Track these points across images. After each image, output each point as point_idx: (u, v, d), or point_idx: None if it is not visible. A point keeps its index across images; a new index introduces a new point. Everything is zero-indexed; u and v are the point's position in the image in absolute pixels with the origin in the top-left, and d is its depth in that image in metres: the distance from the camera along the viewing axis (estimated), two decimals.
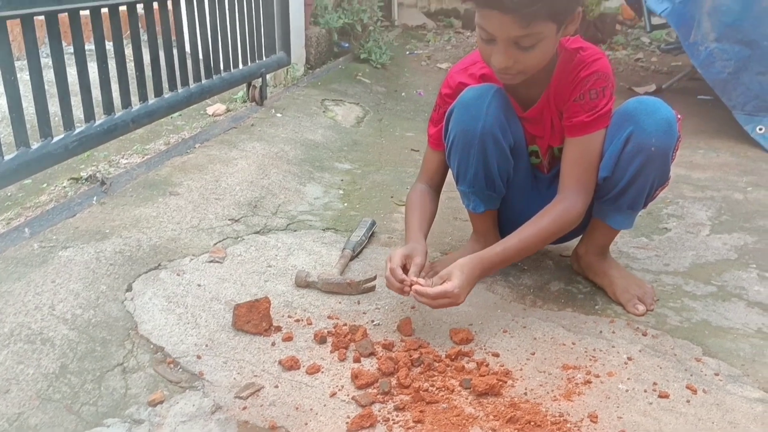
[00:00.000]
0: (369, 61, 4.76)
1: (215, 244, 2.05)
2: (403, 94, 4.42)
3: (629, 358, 1.61)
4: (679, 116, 1.66)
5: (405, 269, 1.65)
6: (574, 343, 1.67)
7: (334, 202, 2.49)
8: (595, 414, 1.41)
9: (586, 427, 1.38)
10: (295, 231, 2.22)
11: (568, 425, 1.38)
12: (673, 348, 1.66)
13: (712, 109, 4.06)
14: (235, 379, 1.49)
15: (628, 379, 1.54)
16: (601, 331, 1.72)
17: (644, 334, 1.71)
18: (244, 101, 3.44)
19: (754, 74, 3.37)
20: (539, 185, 1.87)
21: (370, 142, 3.24)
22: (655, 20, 4.75)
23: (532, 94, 1.73)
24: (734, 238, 2.28)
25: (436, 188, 1.92)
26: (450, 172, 1.87)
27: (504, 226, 1.98)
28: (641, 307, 1.81)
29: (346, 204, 2.48)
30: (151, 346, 1.56)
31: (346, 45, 4.91)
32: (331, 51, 4.81)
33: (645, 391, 1.50)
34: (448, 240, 2.22)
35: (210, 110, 3.29)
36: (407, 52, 5.72)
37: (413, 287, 1.58)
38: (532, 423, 1.38)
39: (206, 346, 1.59)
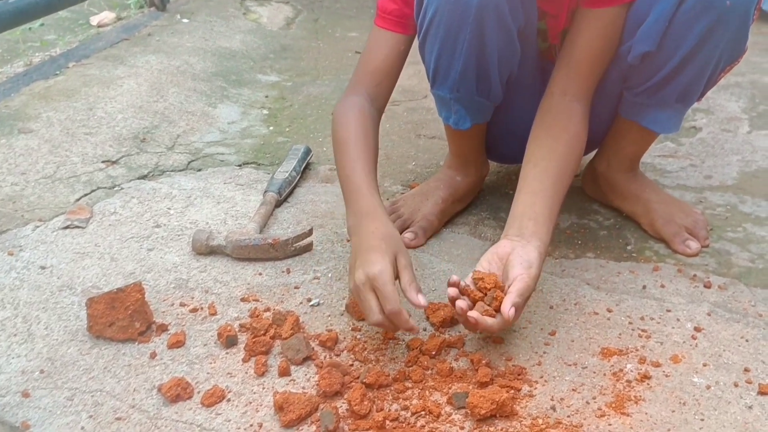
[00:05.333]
0: None
1: (77, 200, 1.42)
2: None
3: (697, 329, 1.07)
4: None
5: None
6: (610, 310, 1.12)
7: (255, 126, 1.86)
8: None
9: None
10: (198, 171, 1.59)
11: None
12: (753, 304, 1.13)
13: None
14: (83, 429, 0.90)
15: (705, 365, 1.00)
16: (644, 286, 1.18)
17: (707, 286, 1.17)
18: (141, 6, 2.72)
19: None
20: (546, 83, 1.23)
21: (304, 47, 2.58)
22: None
23: None
24: None
25: (380, 107, 1.23)
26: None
27: (492, 146, 1.38)
28: (694, 244, 1.26)
29: (271, 128, 1.85)
30: None
31: None
32: None
33: (736, 384, 0.96)
34: (411, 167, 1.63)
35: (94, 20, 2.57)
36: None
37: (507, 313, 0.94)
38: None
39: (42, 372, 0.99)
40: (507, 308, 0.93)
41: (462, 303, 0.96)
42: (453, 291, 0.98)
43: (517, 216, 1.06)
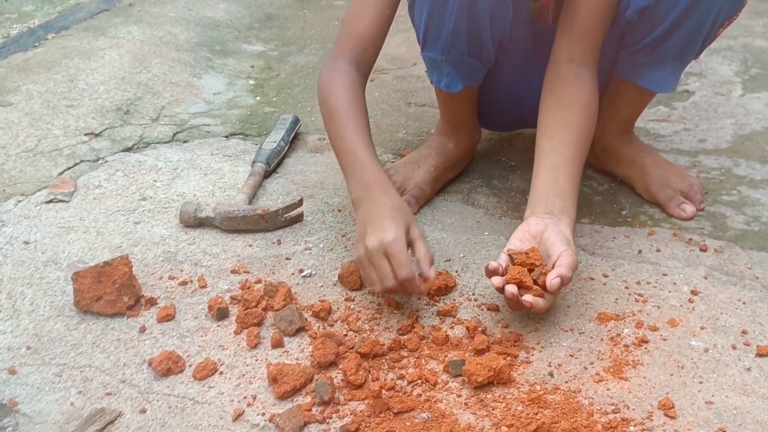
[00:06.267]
0: None
1: (60, 173, 1.39)
2: None
3: (693, 292, 1.06)
4: None
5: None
6: (606, 276, 1.11)
7: (241, 96, 1.82)
8: (668, 401, 0.87)
9: (660, 428, 0.84)
10: (184, 142, 1.56)
11: (632, 428, 0.83)
12: (750, 267, 1.12)
13: None
14: (72, 405, 0.89)
15: (702, 328, 0.99)
16: (640, 251, 1.16)
17: (703, 250, 1.16)
18: None
19: None
20: (541, 46, 1.21)
21: (289, 16, 2.52)
22: None
23: None
24: None
25: (366, 72, 1.19)
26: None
27: (484, 113, 1.35)
28: (689, 208, 1.25)
29: (258, 98, 1.81)
30: None
31: None
32: None
33: (734, 347, 0.96)
34: (401, 135, 1.60)
35: None
36: None
37: (550, 282, 0.94)
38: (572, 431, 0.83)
39: (28, 348, 0.97)
40: (551, 278, 0.93)
41: (512, 288, 0.94)
42: (498, 281, 0.96)
43: (542, 193, 1.05)
